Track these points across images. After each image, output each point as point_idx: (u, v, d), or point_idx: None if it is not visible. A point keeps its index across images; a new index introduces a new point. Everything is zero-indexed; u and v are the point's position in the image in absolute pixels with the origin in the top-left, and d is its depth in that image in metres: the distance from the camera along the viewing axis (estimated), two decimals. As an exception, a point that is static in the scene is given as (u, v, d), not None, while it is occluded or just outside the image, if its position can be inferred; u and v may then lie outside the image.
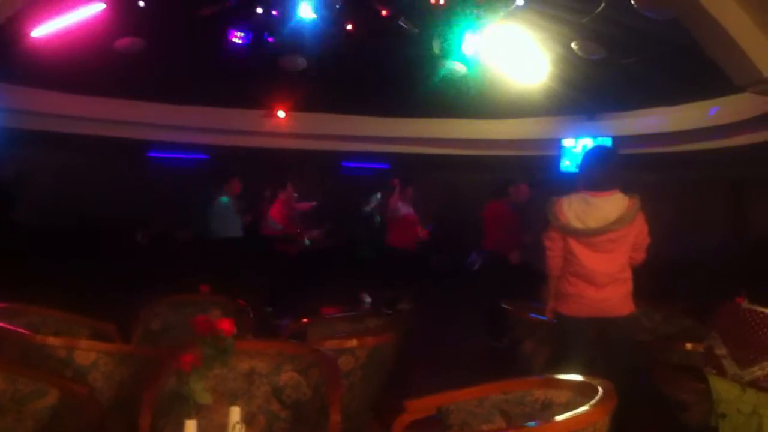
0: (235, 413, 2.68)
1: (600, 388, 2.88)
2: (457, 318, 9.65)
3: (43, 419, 3.27)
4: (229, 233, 9.35)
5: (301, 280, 9.59)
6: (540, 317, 5.32)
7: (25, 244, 11.09)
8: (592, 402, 2.78)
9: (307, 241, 10.45)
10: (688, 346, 4.72)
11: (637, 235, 4.68)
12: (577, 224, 4.66)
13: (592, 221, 4.62)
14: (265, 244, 9.78)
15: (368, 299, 10.60)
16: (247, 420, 3.30)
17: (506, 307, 5.83)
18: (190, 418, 2.62)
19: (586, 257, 4.66)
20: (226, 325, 2.64)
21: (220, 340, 2.65)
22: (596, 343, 4.71)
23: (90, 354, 3.81)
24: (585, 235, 4.64)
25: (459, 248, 11.26)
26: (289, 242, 10.02)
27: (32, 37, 9.24)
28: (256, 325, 5.34)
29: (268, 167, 12.63)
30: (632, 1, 8.08)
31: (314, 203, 10.28)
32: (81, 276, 10.28)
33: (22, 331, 4.04)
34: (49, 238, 11.50)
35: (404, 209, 10.39)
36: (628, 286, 4.73)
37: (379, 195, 11.97)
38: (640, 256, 4.76)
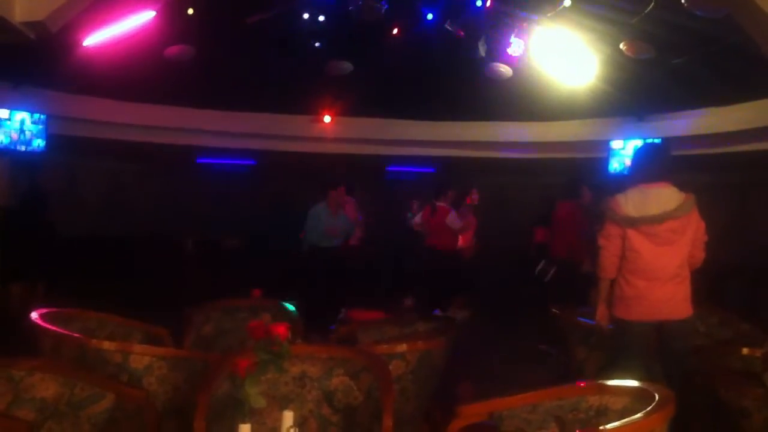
0: (289, 418, 2.69)
1: (657, 395, 2.83)
2: (516, 326, 9.52)
3: (100, 423, 3.32)
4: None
5: (344, 284, 9.61)
6: (590, 323, 5.25)
7: (75, 251, 11.28)
8: (649, 409, 2.73)
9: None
10: (745, 351, 4.62)
11: (696, 230, 4.63)
12: (635, 214, 4.60)
13: (652, 209, 4.56)
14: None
15: (410, 303, 10.61)
16: (299, 424, 3.32)
17: (556, 311, 5.77)
18: (244, 422, 2.63)
19: (648, 251, 4.58)
20: (282, 330, 2.65)
21: (276, 345, 2.66)
22: (655, 348, 4.64)
23: (144, 358, 3.86)
24: (645, 224, 4.56)
25: (507, 254, 11.17)
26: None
27: (84, 46, 9.39)
28: (306, 329, 5.37)
29: (314, 172, 12.72)
30: (682, 0, 7.96)
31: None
32: (131, 283, 10.43)
33: (78, 335, 4.11)
34: (98, 246, 11.68)
35: (459, 222, 10.33)
36: (688, 286, 4.64)
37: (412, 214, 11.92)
38: (700, 254, 4.68)
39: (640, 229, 4.60)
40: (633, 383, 3.11)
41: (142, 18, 9.45)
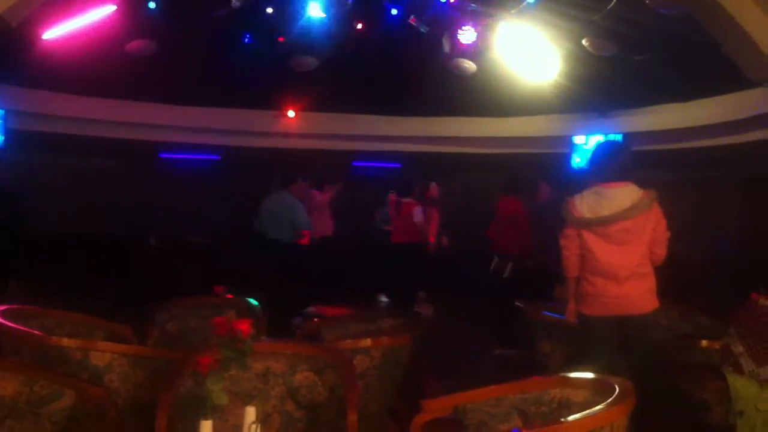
0: (251, 413, 2.67)
1: (617, 387, 2.86)
2: (477, 323, 9.55)
3: (60, 422, 3.27)
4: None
5: (313, 280, 9.52)
6: (556, 316, 5.30)
7: (37, 247, 11.12)
8: (609, 401, 2.76)
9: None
10: (704, 343, 4.70)
11: (655, 227, 4.65)
12: (589, 215, 4.65)
13: (606, 210, 4.60)
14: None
15: (385, 299, 10.60)
16: (262, 420, 3.29)
17: (521, 306, 5.80)
18: (206, 419, 2.61)
19: (602, 251, 4.64)
20: (245, 327, 2.63)
21: (239, 342, 2.65)
22: (617, 342, 4.69)
23: (106, 356, 3.81)
24: (598, 225, 4.62)
25: (473, 249, 11.21)
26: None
27: (44, 40, 9.26)
28: (270, 325, 5.35)
29: (279, 167, 12.66)
30: (644, -2, 8.06)
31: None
32: (95, 280, 10.31)
33: (38, 333, 4.05)
34: (61, 243, 11.53)
35: (421, 215, 10.38)
36: (649, 282, 4.69)
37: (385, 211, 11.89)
38: (661, 252, 4.72)
39: (594, 229, 4.66)
40: (594, 376, 3.14)
41: (103, 12, 9.35)
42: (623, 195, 4.61)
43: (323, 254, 10.37)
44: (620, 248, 4.61)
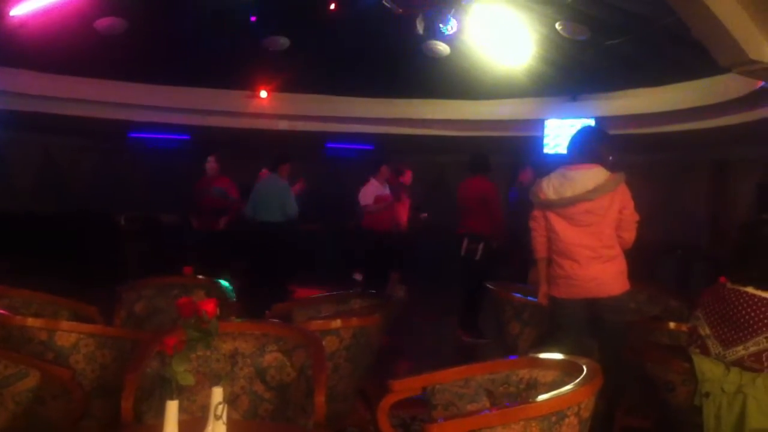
0: (218, 394, 2.65)
1: (585, 368, 2.88)
2: (448, 305, 9.59)
3: (24, 402, 3.23)
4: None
5: (288, 261, 9.47)
6: (525, 298, 5.34)
7: (5, 228, 10.99)
8: (577, 381, 2.78)
9: None
10: (672, 325, 4.74)
11: (621, 209, 4.68)
12: (553, 197, 4.67)
13: (568, 191, 4.63)
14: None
15: (359, 278, 10.63)
16: (231, 401, 3.29)
17: (491, 287, 5.83)
18: (172, 399, 2.59)
19: (565, 231, 4.68)
20: (210, 307, 2.60)
21: (204, 322, 2.62)
22: (586, 324, 4.73)
23: (71, 336, 3.77)
24: (561, 206, 4.65)
25: (445, 231, 11.26)
26: None
27: (11, 17, 9.10)
28: (240, 306, 5.33)
29: (251, 149, 12.58)
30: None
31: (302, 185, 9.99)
32: (64, 260, 10.22)
33: (1, 312, 4.00)
34: (29, 222, 11.41)
35: (370, 197, 10.38)
36: (617, 264, 4.73)
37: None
38: (629, 235, 4.75)
39: (557, 211, 4.70)
40: (563, 357, 3.16)
41: (72, -12, 9.20)
42: (587, 177, 4.63)
43: (298, 236, 10.29)
44: (583, 229, 4.64)
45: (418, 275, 11.50)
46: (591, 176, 4.63)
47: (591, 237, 4.64)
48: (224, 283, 5.51)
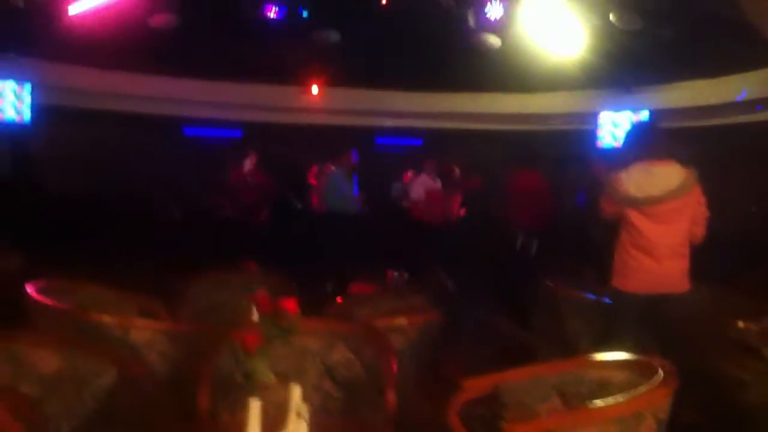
0: (297, 392, 2.67)
1: (660, 369, 2.85)
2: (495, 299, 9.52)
3: (101, 398, 3.29)
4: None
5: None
6: (586, 295, 5.29)
7: (61, 223, 11.17)
8: (652, 382, 2.75)
9: None
10: (740, 324, 4.65)
11: (696, 206, 4.63)
12: (638, 194, 4.60)
13: (655, 189, 4.55)
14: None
15: (397, 276, 10.62)
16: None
17: (549, 284, 5.79)
18: (253, 397, 2.62)
19: (649, 229, 4.60)
20: (291, 305, 2.62)
21: (283, 319, 2.64)
22: (646, 321, 4.67)
23: (145, 332, 3.84)
24: (647, 205, 4.57)
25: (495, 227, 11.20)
26: None
27: (69, 15, 9.27)
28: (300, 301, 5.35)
29: (302, 143, 12.63)
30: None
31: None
32: (118, 254, 10.36)
33: (77, 309, 4.07)
34: (86, 217, 11.59)
35: (419, 191, 10.39)
36: (687, 262, 4.68)
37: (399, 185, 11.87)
38: (701, 231, 4.70)
39: (640, 208, 4.61)
40: (635, 357, 3.14)
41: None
42: (670, 173, 4.57)
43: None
44: (666, 227, 4.58)
45: (462, 269, 11.44)
46: (673, 173, 4.58)
47: (672, 234, 4.59)
48: (285, 279, 5.54)
